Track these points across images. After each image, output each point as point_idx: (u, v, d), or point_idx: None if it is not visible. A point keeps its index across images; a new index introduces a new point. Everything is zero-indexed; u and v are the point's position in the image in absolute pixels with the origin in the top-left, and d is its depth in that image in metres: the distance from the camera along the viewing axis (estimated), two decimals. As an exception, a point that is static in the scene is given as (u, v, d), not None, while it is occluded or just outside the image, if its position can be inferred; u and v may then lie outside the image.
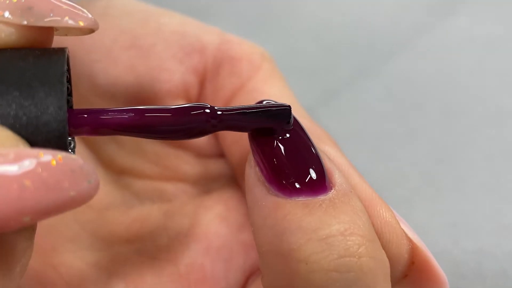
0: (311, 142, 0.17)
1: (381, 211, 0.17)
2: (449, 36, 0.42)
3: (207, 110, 0.15)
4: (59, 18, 0.15)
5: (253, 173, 0.16)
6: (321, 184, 0.16)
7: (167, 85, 0.22)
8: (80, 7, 0.16)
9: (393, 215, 0.17)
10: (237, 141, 0.20)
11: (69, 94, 0.16)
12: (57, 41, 0.17)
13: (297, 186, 0.16)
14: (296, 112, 0.21)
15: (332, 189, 0.16)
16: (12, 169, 0.12)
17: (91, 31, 0.16)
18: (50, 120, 0.13)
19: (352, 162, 0.30)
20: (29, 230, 0.14)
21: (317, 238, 0.14)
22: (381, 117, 0.34)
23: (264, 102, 0.17)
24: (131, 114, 0.15)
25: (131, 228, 0.20)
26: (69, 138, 0.16)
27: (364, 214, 0.16)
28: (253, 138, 0.17)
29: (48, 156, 0.12)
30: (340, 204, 0.15)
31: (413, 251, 0.17)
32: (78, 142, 0.22)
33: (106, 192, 0.21)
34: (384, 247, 0.17)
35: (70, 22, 0.15)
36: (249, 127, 0.16)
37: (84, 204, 0.13)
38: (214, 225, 0.20)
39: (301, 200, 0.15)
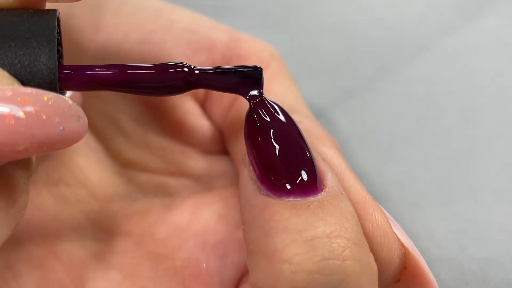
0: (306, 144, 0.17)
1: (373, 214, 0.17)
2: (476, 38, 0.41)
3: (185, 69, 0.17)
4: None
5: (246, 172, 0.17)
6: (312, 186, 0.16)
7: None
8: None
9: (385, 219, 0.17)
10: (240, 140, 0.20)
11: (60, 56, 0.17)
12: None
13: (288, 187, 0.16)
14: (300, 112, 0.21)
15: (323, 190, 0.16)
16: (7, 102, 0.13)
17: None
18: (41, 67, 0.15)
19: (363, 163, 0.30)
20: (25, 166, 0.16)
21: (302, 239, 0.15)
22: (396, 119, 0.33)
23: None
24: (116, 70, 0.16)
25: (132, 220, 0.21)
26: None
27: (353, 217, 0.16)
28: (248, 138, 0.17)
29: (40, 92, 0.14)
30: (329, 206, 0.15)
31: (406, 256, 0.17)
32: (88, 134, 0.23)
33: (111, 183, 0.22)
34: (374, 250, 0.17)
35: None
36: (224, 86, 0.17)
37: (74, 142, 0.14)
38: (212, 221, 0.20)
39: (290, 200, 0.15)
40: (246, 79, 0.17)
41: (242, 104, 0.22)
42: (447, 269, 0.25)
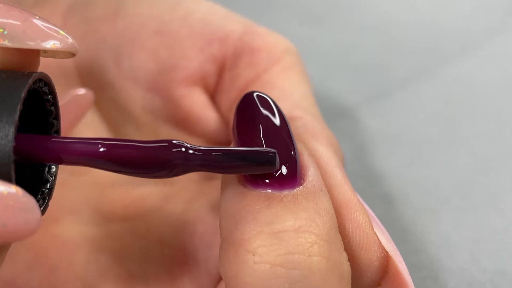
0: (291, 140, 0.16)
1: (355, 214, 0.17)
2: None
3: (183, 149, 0.14)
4: (32, 42, 0.14)
5: None
6: (290, 180, 0.16)
7: (185, 72, 0.22)
8: (58, 29, 0.15)
9: (367, 220, 0.17)
10: None
11: (54, 117, 0.16)
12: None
13: (266, 180, 0.16)
14: (304, 108, 0.21)
15: (301, 185, 0.16)
16: None
17: (71, 54, 0.15)
18: None
19: (385, 164, 0.30)
20: None
21: (269, 231, 0.14)
22: (426, 121, 0.32)
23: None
24: (98, 147, 0.14)
25: (130, 207, 0.21)
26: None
27: (328, 214, 0.15)
28: (235, 129, 0.17)
29: None
30: (303, 200, 0.15)
31: (387, 260, 0.17)
32: (100, 122, 0.24)
33: (115, 171, 0.22)
34: (353, 251, 0.16)
35: (44, 44, 0.14)
36: (232, 169, 0.15)
37: (23, 238, 0.12)
38: (204, 211, 0.20)
39: (264, 192, 0.15)
40: (256, 164, 0.15)
41: None
42: (457, 280, 0.24)
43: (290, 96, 0.21)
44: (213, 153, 0.14)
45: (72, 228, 0.20)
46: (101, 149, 0.14)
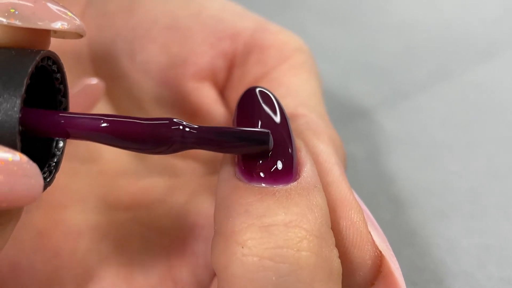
0: (290, 138, 0.17)
1: (350, 211, 0.17)
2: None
3: (179, 127, 0.15)
4: (41, 22, 0.15)
5: (227, 155, 0.17)
6: (284, 175, 0.16)
7: (195, 67, 0.22)
8: (66, 11, 0.15)
9: (362, 219, 0.17)
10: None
11: (63, 95, 0.17)
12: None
13: (261, 175, 0.16)
14: (310, 106, 0.21)
15: (295, 181, 0.16)
16: None
17: (78, 35, 0.16)
18: (2, 119, 0.13)
19: (397, 166, 0.30)
20: None
21: (259, 224, 0.15)
22: (443, 124, 0.32)
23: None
24: (100, 121, 0.14)
25: (134, 197, 0.21)
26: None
27: (320, 210, 0.15)
28: (235, 123, 0.17)
29: None
30: (296, 196, 0.15)
31: (381, 259, 0.17)
32: (112, 112, 0.24)
33: (123, 162, 0.23)
34: (346, 249, 0.17)
35: (53, 25, 0.15)
36: (226, 148, 0.16)
37: (25, 203, 0.13)
38: (205, 204, 0.20)
39: (258, 186, 0.15)
40: (249, 144, 0.15)
41: None
42: (460, 285, 0.23)
43: (297, 93, 0.21)
44: (208, 132, 0.15)
45: (78, 215, 0.21)
46: (104, 124, 0.14)
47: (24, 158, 0.13)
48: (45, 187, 0.15)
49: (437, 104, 0.34)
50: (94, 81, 0.22)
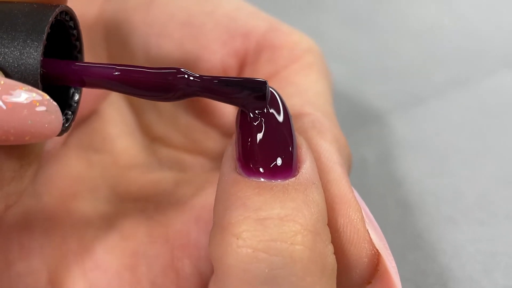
0: (292, 137, 0.17)
1: (348, 209, 0.17)
2: None
3: (184, 75, 0.16)
4: None
5: (230, 150, 0.17)
6: (284, 171, 0.16)
7: (207, 64, 0.23)
8: None
9: (360, 217, 0.17)
10: None
11: (79, 51, 0.18)
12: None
13: (261, 170, 0.16)
14: (317, 105, 0.21)
15: (294, 177, 0.16)
16: None
17: None
18: (26, 62, 0.15)
19: (407, 171, 0.30)
20: (18, 156, 0.16)
21: (255, 217, 0.15)
22: (457, 130, 0.32)
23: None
24: (110, 70, 0.16)
25: (143, 189, 0.22)
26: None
27: (316, 206, 0.16)
28: (238, 120, 0.17)
29: (12, 83, 0.14)
30: (292, 191, 0.16)
31: (378, 258, 0.17)
32: (126, 107, 0.25)
33: (135, 154, 0.23)
34: (342, 246, 0.17)
35: None
36: (225, 98, 0.16)
37: (46, 137, 0.14)
38: (210, 198, 0.20)
39: (256, 180, 0.16)
40: (249, 92, 0.16)
41: None
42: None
43: (305, 93, 0.22)
44: (210, 81, 0.16)
45: (89, 204, 0.21)
46: (116, 73, 0.16)
47: (46, 95, 0.14)
48: (62, 132, 0.16)
49: (452, 110, 0.33)
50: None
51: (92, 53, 0.24)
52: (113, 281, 0.19)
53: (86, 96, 0.22)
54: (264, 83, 0.16)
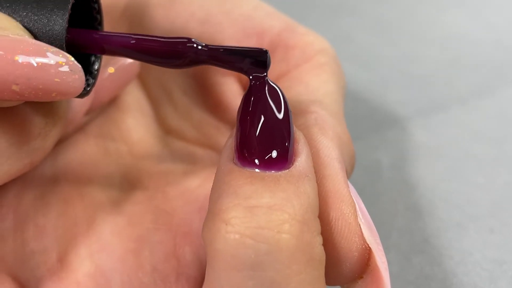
0: (289, 131, 0.17)
1: (341, 204, 0.17)
2: None
3: (192, 44, 0.17)
4: None
5: (230, 141, 0.18)
6: (278, 163, 0.16)
7: None
8: None
9: (352, 212, 0.17)
10: None
11: (99, 24, 0.20)
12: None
13: (256, 161, 0.17)
14: (324, 104, 0.22)
15: (287, 169, 0.17)
16: (13, 47, 0.15)
17: None
18: (52, 28, 0.17)
19: (421, 176, 0.30)
20: (44, 113, 0.18)
21: (245, 205, 0.16)
22: (473, 138, 0.32)
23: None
24: (126, 38, 0.17)
25: (153, 178, 0.23)
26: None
27: (307, 198, 0.16)
28: (239, 113, 0.18)
29: (42, 45, 0.16)
30: (284, 182, 0.16)
31: (369, 253, 0.17)
32: (143, 99, 0.26)
33: (149, 145, 0.24)
34: (333, 238, 0.17)
35: None
36: (228, 64, 0.18)
37: (70, 95, 0.16)
38: None
39: (250, 170, 0.16)
40: (251, 60, 0.18)
41: None
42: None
43: (314, 92, 0.22)
44: (217, 49, 0.18)
45: (102, 189, 0.22)
46: (132, 41, 0.17)
47: (70, 57, 0.16)
48: (84, 95, 0.18)
49: (472, 118, 0.33)
50: (130, 59, 0.24)
51: None
52: (117, 264, 0.20)
53: (105, 88, 0.24)
54: (265, 52, 0.18)
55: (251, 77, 0.18)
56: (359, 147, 0.31)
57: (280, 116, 0.18)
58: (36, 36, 0.17)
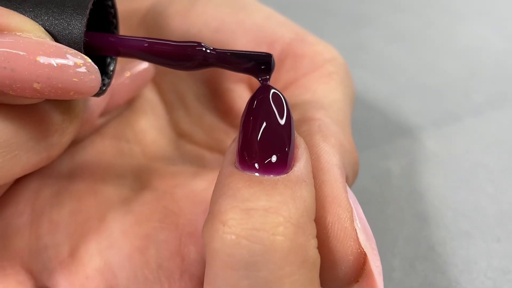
0: (290, 137, 0.18)
1: (338, 209, 0.18)
2: None
3: (201, 48, 0.18)
4: None
5: (233, 146, 0.19)
6: (277, 168, 0.17)
7: None
8: None
9: (349, 217, 0.18)
10: None
11: (115, 27, 0.21)
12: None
13: (256, 166, 0.17)
14: (329, 112, 0.22)
15: (286, 173, 0.17)
16: (35, 48, 0.16)
17: None
18: (71, 32, 0.18)
19: (430, 184, 0.30)
20: (63, 111, 0.20)
21: (242, 207, 0.16)
22: (487, 149, 0.32)
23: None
24: (139, 42, 0.19)
25: (163, 179, 0.24)
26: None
27: (303, 202, 0.17)
28: (243, 117, 0.19)
29: (62, 47, 0.17)
30: (281, 186, 0.17)
31: (365, 257, 0.18)
32: (159, 103, 0.27)
33: (161, 147, 0.25)
34: (330, 242, 0.18)
35: None
36: (234, 67, 0.19)
37: (86, 94, 0.17)
38: None
39: (249, 174, 0.17)
40: (256, 62, 0.19)
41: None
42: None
43: (320, 99, 0.23)
44: (224, 53, 0.19)
45: (114, 188, 0.23)
46: (145, 44, 0.19)
47: (88, 59, 0.17)
48: (99, 94, 0.19)
49: (486, 129, 0.33)
50: (145, 64, 0.25)
51: None
52: (124, 260, 0.21)
53: (121, 91, 0.25)
54: (269, 56, 0.19)
55: (260, 79, 0.19)
56: (370, 155, 0.32)
57: (282, 122, 0.18)
58: (56, 39, 0.18)
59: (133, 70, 0.25)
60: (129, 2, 0.28)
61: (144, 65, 0.25)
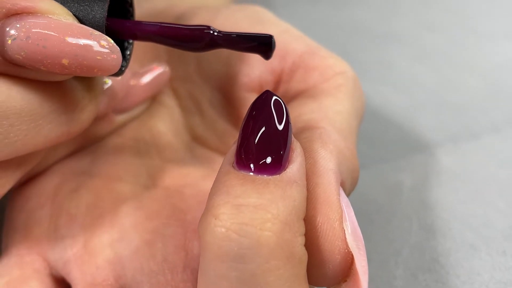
0: (286, 142, 0.19)
1: (328, 210, 0.19)
2: None
3: (209, 31, 0.20)
4: None
5: (233, 147, 0.20)
6: (271, 169, 0.18)
7: (246, 78, 0.26)
8: None
9: (338, 218, 0.19)
10: None
11: (131, 15, 0.23)
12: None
13: (251, 166, 0.18)
14: (332, 123, 0.23)
15: (279, 174, 0.18)
16: (63, 28, 0.18)
17: None
18: (94, 16, 0.20)
19: (440, 198, 0.30)
20: (88, 89, 0.22)
21: (233, 203, 0.17)
22: (502, 165, 0.32)
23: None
24: (155, 26, 0.20)
25: (174, 179, 0.25)
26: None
27: (293, 202, 0.18)
28: (244, 121, 0.20)
29: (87, 29, 0.19)
30: (272, 186, 0.18)
31: (352, 258, 0.19)
32: (176, 107, 0.28)
33: (176, 149, 0.27)
34: (318, 241, 0.19)
35: None
36: (239, 46, 0.20)
37: (109, 72, 0.19)
38: None
39: (244, 173, 0.18)
40: (258, 42, 0.20)
41: (292, 108, 0.24)
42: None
43: (325, 109, 0.24)
44: (229, 35, 0.20)
45: (128, 186, 0.25)
46: (159, 28, 0.20)
47: (110, 39, 0.19)
48: (119, 74, 0.21)
49: (502, 147, 0.33)
50: (161, 69, 0.27)
51: (154, 54, 0.28)
52: (133, 252, 0.23)
53: (138, 93, 0.26)
54: (270, 37, 0.20)
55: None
56: (384, 169, 0.32)
57: (280, 127, 0.19)
58: (81, 22, 0.20)
59: (149, 74, 0.27)
60: (155, 16, 0.29)
61: (159, 70, 0.27)
